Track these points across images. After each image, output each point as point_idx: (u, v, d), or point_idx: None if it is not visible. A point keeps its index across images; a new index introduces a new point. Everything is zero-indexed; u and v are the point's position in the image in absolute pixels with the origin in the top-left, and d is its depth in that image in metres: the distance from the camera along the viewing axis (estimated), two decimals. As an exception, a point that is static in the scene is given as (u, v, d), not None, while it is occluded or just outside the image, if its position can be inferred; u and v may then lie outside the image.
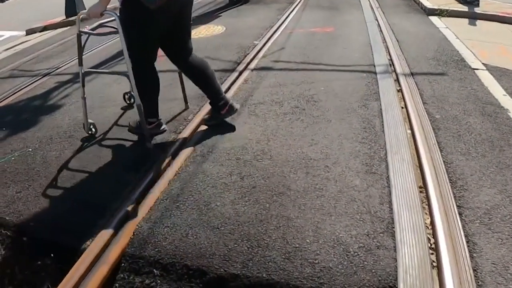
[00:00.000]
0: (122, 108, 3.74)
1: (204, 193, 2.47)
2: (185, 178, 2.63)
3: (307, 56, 4.89)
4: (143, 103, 2.85)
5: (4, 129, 3.49)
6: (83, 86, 3.03)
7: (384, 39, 5.49)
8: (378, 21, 6.54)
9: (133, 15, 2.65)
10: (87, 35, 2.88)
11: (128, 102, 3.75)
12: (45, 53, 5.82)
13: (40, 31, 7.63)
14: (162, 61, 3.04)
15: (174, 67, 3.12)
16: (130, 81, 2.83)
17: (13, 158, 3.02)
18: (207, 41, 5.85)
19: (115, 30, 2.74)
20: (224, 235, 2.11)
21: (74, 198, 2.53)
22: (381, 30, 5.97)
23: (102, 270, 1.94)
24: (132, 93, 3.46)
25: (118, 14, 2.69)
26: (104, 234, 2.13)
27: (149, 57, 2.85)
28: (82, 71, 2.97)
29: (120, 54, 4.77)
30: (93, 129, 3.22)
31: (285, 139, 3.03)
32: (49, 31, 7.70)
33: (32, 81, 4.66)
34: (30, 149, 3.13)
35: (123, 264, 2.02)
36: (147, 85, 2.89)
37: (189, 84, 2.98)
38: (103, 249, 2.05)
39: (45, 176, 2.77)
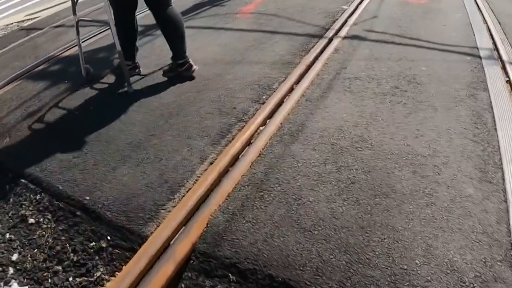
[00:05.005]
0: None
1: (294, 183, 2.02)
2: (270, 161, 2.20)
3: (403, 29, 4.25)
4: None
5: (66, 82, 3.18)
6: (78, 33, 3.20)
7: (485, 19, 4.74)
8: (475, -2, 5.72)
9: None
10: None
11: None
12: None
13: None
14: (243, 20, 2.57)
15: (256, 27, 2.65)
16: (111, 30, 2.94)
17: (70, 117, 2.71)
18: (289, 1, 5.30)
19: None
20: (318, 242, 1.70)
21: (139, 170, 2.18)
22: (479, 9, 5.19)
23: (166, 269, 1.62)
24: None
25: None
26: (172, 220, 1.82)
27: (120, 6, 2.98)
28: (76, 19, 3.13)
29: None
30: (88, 73, 3.27)
31: (387, 125, 2.52)
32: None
33: (98, 32, 4.41)
34: (92, 107, 2.82)
35: (192, 261, 1.69)
36: (120, 32, 3.00)
37: (274, 48, 2.56)
38: (169, 239, 1.75)
39: (106, 141, 2.45)
